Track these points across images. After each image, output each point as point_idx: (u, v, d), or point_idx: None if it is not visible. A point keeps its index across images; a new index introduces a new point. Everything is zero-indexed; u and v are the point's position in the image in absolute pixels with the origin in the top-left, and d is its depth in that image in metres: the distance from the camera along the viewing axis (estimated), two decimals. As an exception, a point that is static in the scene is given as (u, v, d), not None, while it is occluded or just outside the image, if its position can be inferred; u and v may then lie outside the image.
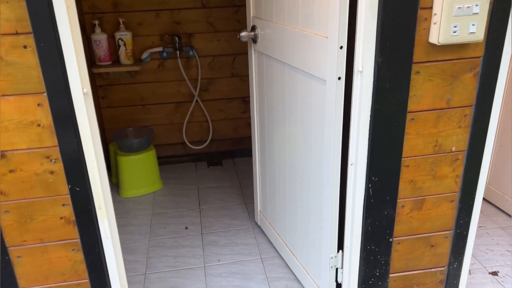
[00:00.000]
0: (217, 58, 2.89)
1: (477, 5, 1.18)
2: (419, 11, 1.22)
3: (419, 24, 1.23)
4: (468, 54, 1.28)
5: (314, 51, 1.43)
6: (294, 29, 1.54)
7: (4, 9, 1.06)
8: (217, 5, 2.75)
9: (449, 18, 1.18)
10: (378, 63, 1.25)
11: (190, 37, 2.80)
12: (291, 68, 1.63)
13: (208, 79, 2.93)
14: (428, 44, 1.25)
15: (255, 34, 1.87)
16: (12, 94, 1.14)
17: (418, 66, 1.28)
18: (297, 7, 1.50)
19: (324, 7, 1.34)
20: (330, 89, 1.38)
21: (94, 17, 2.62)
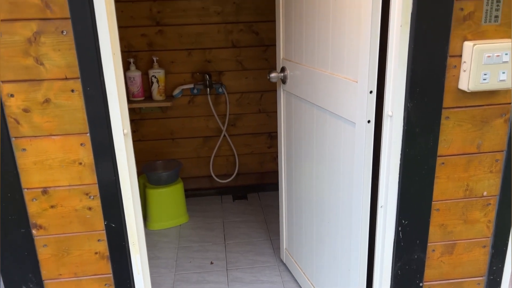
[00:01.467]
0: (245, 95, 2.97)
1: (506, 54, 1.20)
2: (448, 58, 1.24)
3: (449, 71, 1.26)
4: (498, 100, 1.30)
5: (344, 94, 1.47)
6: (324, 72, 1.59)
7: (56, 56, 1.15)
8: (247, 45, 2.85)
9: (478, 66, 1.21)
10: (408, 109, 1.27)
11: (220, 74, 2.90)
12: (320, 109, 1.67)
13: (236, 115, 3.00)
14: (458, 90, 1.27)
15: (284, 75, 1.93)
16: (58, 134, 1.21)
17: (448, 112, 1.29)
18: (327, 52, 1.56)
19: (354, 53, 1.38)
20: (360, 131, 1.41)
21: (129, 55, 2.75)
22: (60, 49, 1.14)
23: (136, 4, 2.68)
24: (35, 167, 1.23)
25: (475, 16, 1.21)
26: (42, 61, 1.15)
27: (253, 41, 2.85)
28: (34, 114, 1.19)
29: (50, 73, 1.16)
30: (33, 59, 1.14)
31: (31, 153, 1.22)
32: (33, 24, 1.11)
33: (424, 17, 1.19)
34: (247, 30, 2.83)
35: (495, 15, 1.22)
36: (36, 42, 1.13)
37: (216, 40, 2.82)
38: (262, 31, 2.83)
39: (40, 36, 1.13)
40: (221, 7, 2.76)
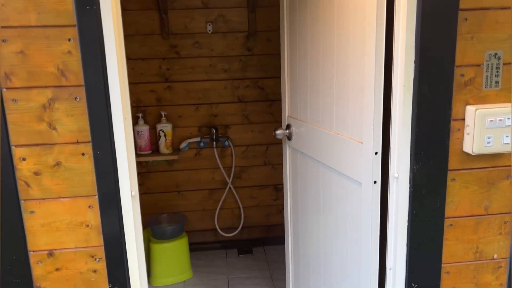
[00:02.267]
0: (251, 148, 3.00)
1: (509, 118, 1.23)
2: (452, 122, 1.27)
3: (453, 134, 1.28)
4: (504, 162, 1.30)
5: (349, 154, 1.49)
6: (329, 131, 1.62)
7: (68, 121, 1.18)
8: (253, 100, 2.92)
9: (482, 130, 1.23)
10: (413, 170, 1.28)
11: (226, 128, 2.94)
12: (325, 167, 1.68)
13: (242, 167, 3.02)
14: (463, 152, 1.29)
15: (290, 132, 1.96)
16: (67, 196, 1.23)
17: (453, 174, 1.30)
18: (331, 112, 1.59)
19: (358, 114, 1.41)
20: (366, 192, 1.41)
21: (138, 110, 2.81)
22: (73, 115, 1.18)
23: (146, 62, 2.77)
24: (42, 229, 1.24)
25: (476, 81, 1.25)
26: (55, 126, 1.18)
27: (259, 96, 2.92)
28: (44, 177, 1.21)
29: (62, 138, 1.19)
30: (46, 124, 1.18)
31: (39, 215, 1.23)
32: (48, 91, 1.16)
33: (426, 82, 1.22)
34: (253, 86, 2.91)
35: (496, 81, 1.25)
36: (50, 108, 1.17)
37: (223, 95, 2.89)
38: (267, 87, 2.91)
39: (55, 102, 1.17)
40: (228, 65, 2.85)
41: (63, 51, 1.14)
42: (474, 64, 1.24)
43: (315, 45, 1.67)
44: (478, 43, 1.22)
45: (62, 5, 1.12)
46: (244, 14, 2.79)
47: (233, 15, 2.79)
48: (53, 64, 1.14)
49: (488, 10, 1.21)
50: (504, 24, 1.22)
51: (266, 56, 2.86)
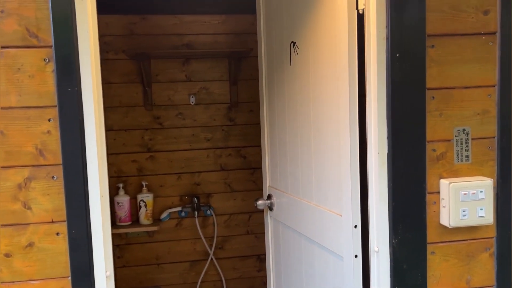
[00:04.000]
0: (233, 216, 2.96)
1: (481, 191, 1.26)
2: (427, 195, 1.29)
3: (429, 207, 1.29)
4: (481, 235, 1.32)
5: (329, 227, 1.48)
6: (309, 203, 1.62)
7: (44, 200, 1.17)
8: (235, 168, 2.93)
9: (456, 203, 1.25)
10: (393, 245, 1.28)
11: (208, 197, 2.93)
12: (307, 240, 1.66)
13: (224, 237, 2.96)
14: (440, 225, 1.30)
15: (271, 202, 1.96)
16: (38, 279, 1.18)
17: (433, 247, 1.30)
18: (311, 184, 1.61)
19: (337, 187, 1.43)
20: (348, 266, 1.39)
21: (119, 180, 2.79)
22: (49, 194, 1.17)
23: (128, 133, 2.80)
24: (9, 315, 1.17)
25: (448, 156, 1.29)
26: (30, 206, 1.16)
27: (241, 165, 2.94)
28: (15, 259, 1.16)
29: (37, 217, 1.17)
30: (21, 203, 1.16)
31: (7, 299, 1.17)
32: (25, 170, 1.15)
33: (399, 157, 1.26)
34: (235, 155, 2.94)
35: (466, 155, 1.30)
36: (26, 188, 1.16)
37: (205, 164, 2.91)
38: (249, 155, 2.94)
39: (31, 182, 1.16)
40: (211, 134, 2.90)
41: (42, 131, 1.15)
42: (444, 140, 1.29)
43: (292, 119, 1.73)
44: (447, 119, 1.28)
45: (44, 86, 1.15)
46: (226, 86, 2.89)
47: (216, 88, 2.88)
48: (32, 144, 1.15)
49: (453, 89, 1.28)
50: (469, 102, 1.29)
51: (248, 126, 2.92)
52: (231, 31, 2.86)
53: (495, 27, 1.27)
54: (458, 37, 1.27)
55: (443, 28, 1.26)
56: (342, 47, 1.34)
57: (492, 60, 1.28)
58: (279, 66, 1.81)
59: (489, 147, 1.31)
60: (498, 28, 1.27)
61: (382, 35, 1.23)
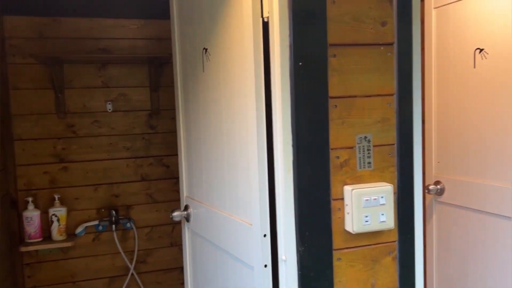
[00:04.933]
0: (156, 228, 2.86)
1: (382, 197, 1.29)
2: (332, 202, 1.31)
3: (334, 214, 1.31)
4: (384, 239, 1.35)
5: (241, 237, 1.46)
6: (223, 213, 1.59)
7: None
8: (157, 178, 2.84)
9: (359, 209, 1.27)
10: (300, 253, 1.28)
11: (128, 209, 2.80)
12: (222, 251, 1.62)
13: (146, 250, 2.84)
14: (345, 231, 1.32)
15: (188, 213, 1.90)
16: None
17: (339, 253, 1.32)
18: (224, 193, 1.58)
19: (247, 196, 1.41)
20: (258, 276, 1.37)
21: (28, 193, 2.59)
22: None
23: (39, 142, 2.61)
24: None
25: (351, 163, 1.32)
26: None
27: (164, 174, 2.85)
28: None
29: None
30: None
31: None
32: None
33: (304, 165, 1.26)
34: (157, 164, 2.84)
35: (368, 162, 1.33)
36: None
37: (125, 174, 2.78)
38: (172, 164, 2.86)
39: None
40: (131, 143, 2.78)
41: None
42: (347, 147, 1.31)
43: (207, 127, 1.69)
44: (349, 127, 1.31)
45: None
46: (146, 93, 2.79)
47: (135, 94, 2.78)
48: None
49: (355, 98, 1.31)
50: (370, 110, 1.33)
51: (171, 134, 2.84)
52: (151, 36, 2.78)
53: (392, 38, 1.32)
54: (359, 47, 1.30)
55: (344, 38, 1.29)
56: (248, 55, 1.32)
57: (390, 70, 1.33)
58: (193, 73, 1.77)
59: (390, 153, 1.35)
60: (395, 39, 1.33)
61: (285, 44, 1.24)
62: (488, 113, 2.02)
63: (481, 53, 2.05)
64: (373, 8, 1.30)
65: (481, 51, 2.05)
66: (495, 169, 2.01)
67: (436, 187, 2.31)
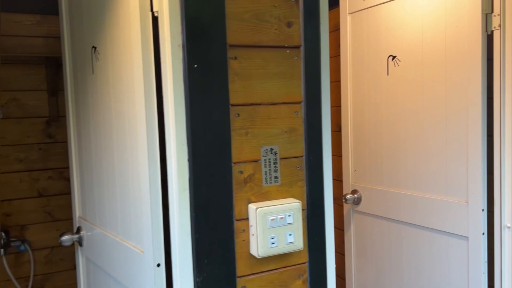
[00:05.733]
0: (56, 250, 2.54)
1: (290, 215, 1.17)
2: (235, 223, 1.15)
3: (238, 236, 1.16)
4: (293, 261, 1.23)
5: (133, 266, 1.26)
6: (115, 237, 1.38)
7: None
8: (57, 193, 2.52)
9: (264, 230, 1.14)
10: (197, 284, 1.11)
11: (23, 229, 2.45)
12: (115, 281, 1.41)
13: (44, 275, 2.51)
14: (251, 256, 1.17)
15: (80, 236, 1.65)
16: None
17: (243, 281, 1.17)
18: (116, 214, 1.37)
19: (139, 217, 1.21)
20: (152, 312, 1.18)
21: None
22: None
23: None
24: None
25: (256, 178, 1.18)
26: None
27: (65, 189, 2.54)
28: None
29: None
30: None
31: None
32: None
33: (202, 182, 1.10)
34: (57, 177, 2.53)
35: (275, 176, 1.20)
36: None
37: (18, 189, 2.43)
38: (75, 177, 2.56)
39: None
40: (25, 154, 2.44)
41: None
42: (252, 160, 1.17)
43: (98, 139, 1.47)
44: (253, 138, 1.17)
45: None
46: (43, 97, 2.47)
47: (30, 99, 2.45)
48: None
49: (259, 106, 1.18)
50: (276, 119, 1.20)
51: (73, 144, 2.54)
52: (49, 34, 2.47)
53: (299, 40, 1.21)
54: (262, 49, 1.17)
55: (246, 38, 1.15)
56: (136, 55, 1.14)
57: (297, 75, 1.22)
58: (83, 74, 1.53)
59: (298, 166, 1.23)
60: (301, 42, 1.21)
61: (177, 42, 1.07)
62: (400, 121, 2.01)
63: (393, 60, 2.03)
64: (277, 7, 1.17)
65: (394, 58, 2.03)
66: (408, 178, 1.99)
67: (353, 196, 2.26)
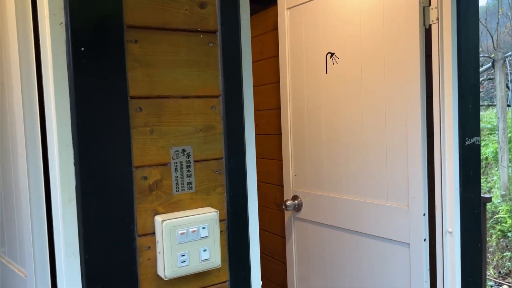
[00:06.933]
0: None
1: (204, 227, 0.99)
2: (138, 239, 0.96)
3: (142, 255, 0.97)
4: (211, 281, 1.05)
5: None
6: (2, 259, 1.14)
7: None
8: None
9: (172, 246, 0.95)
10: (89, 315, 0.91)
11: None
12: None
13: None
14: (158, 277, 0.99)
15: None
16: None
17: (150, 307, 0.98)
18: (3, 232, 1.14)
19: (20, 236, 1.00)
20: None
21: None
22: None
23: None
24: None
25: (164, 184, 1.00)
26: None
27: None
28: None
29: None
30: None
31: None
32: None
33: (93, 191, 0.90)
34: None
35: (188, 182, 1.02)
36: None
37: None
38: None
39: None
40: None
41: None
42: (159, 164, 0.99)
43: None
44: (161, 137, 0.99)
45: None
46: None
47: None
48: None
49: (168, 99, 1.00)
50: (189, 115, 1.02)
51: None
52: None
53: (215, 24, 1.05)
54: (170, 32, 1.00)
55: (149, 19, 0.97)
56: (12, 38, 0.93)
57: (213, 64, 1.05)
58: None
59: (217, 170, 1.06)
60: (218, 26, 1.05)
61: (58, 20, 0.87)
62: (340, 123, 1.89)
63: (332, 57, 1.92)
64: (187, -17, 1.00)
65: (332, 56, 1.92)
66: (349, 182, 1.88)
67: (294, 202, 2.13)
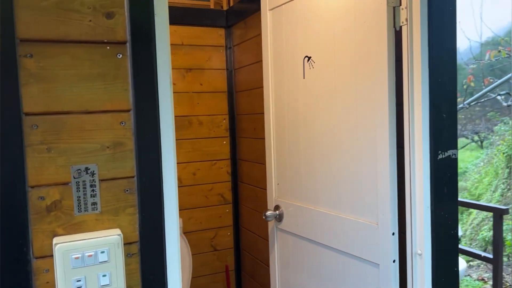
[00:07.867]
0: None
1: (103, 251, 0.94)
2: (34, 261, 0.92)
3: (39, 279, 0.93)
4: (120, 306, 1.00)
5: None
6: None
7: None
8: None
9: (66, 271, 0.91)
10: None
11: None
12: None
13: None
14: (57, 302, 0.94)
15: None
16: None
17: (47, 333, 0.94)
18: None
19: None
20: None
21: None
22: None
23: None
24: None
25: (64, 205, 0.95)
26: None
27: None
28: None
29: None
30: None
31: None
32: None
33: (-16, 213, 0.87)
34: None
35: (93, 202, 0.97)
36: None
37: None
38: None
39: None
40: None
41: None
42: (58, 183, 0.94)
43: None
44: (60, 156, 0.94)
45: None
46: None
47: None
48: None
49: (68, 115, 0.95)
50: (94, 131, 0.97)
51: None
52: None
53: (124, 35, 0.98)
54: (72, 45, 0.94)
55: (46, 31, 0.92)
56: None
57: (123, 77, 0.99)
58: None
59: (127, 189, 1.00)
60: (127, 36, 0.99)
61: None
62: (316, 131, 1.78)
63: (309, 61, 1.81)
64: (88, -7, 0.95)
65: (309, 60, 1.81)
66: (324, 194, 1.76)
67: (275, 212, 2.03)
